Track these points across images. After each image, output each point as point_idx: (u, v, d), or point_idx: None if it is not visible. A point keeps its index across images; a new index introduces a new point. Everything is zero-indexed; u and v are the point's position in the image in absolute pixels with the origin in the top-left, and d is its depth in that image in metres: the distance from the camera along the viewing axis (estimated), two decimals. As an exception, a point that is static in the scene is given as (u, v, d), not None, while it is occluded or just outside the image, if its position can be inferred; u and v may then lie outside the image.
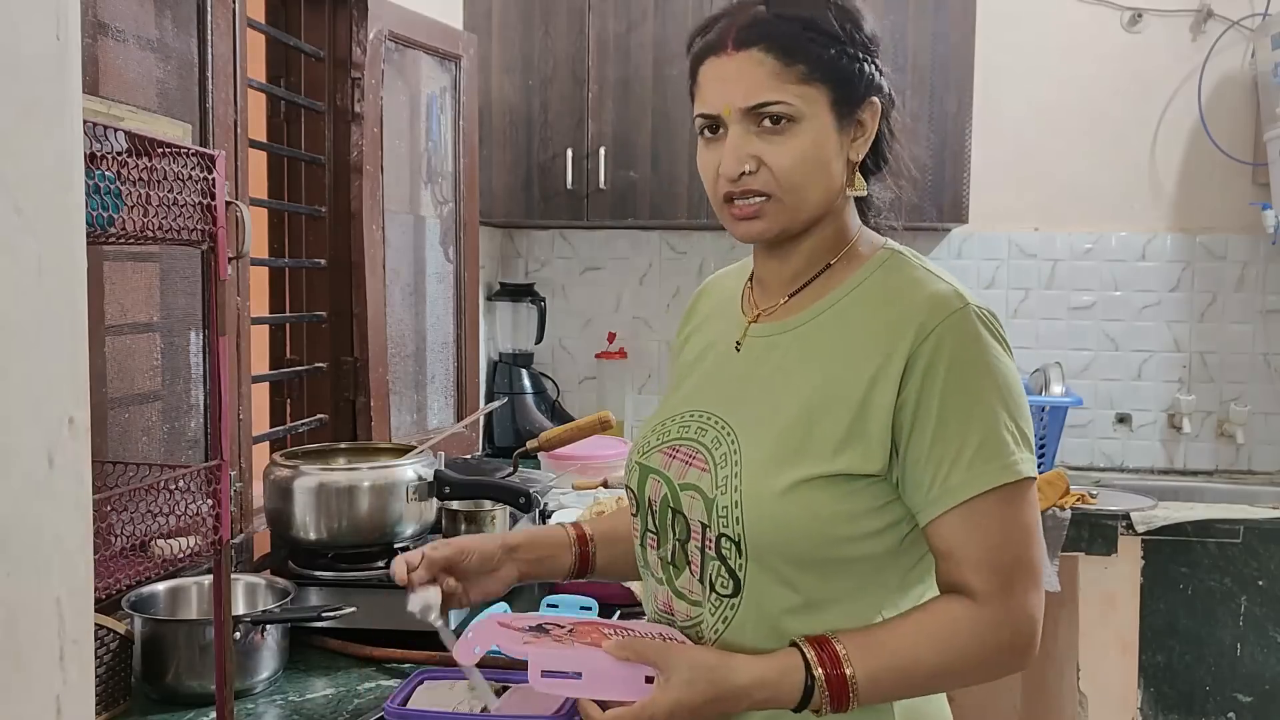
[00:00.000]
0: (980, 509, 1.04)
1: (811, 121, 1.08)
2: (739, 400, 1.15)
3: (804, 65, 1.08)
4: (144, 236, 1.08)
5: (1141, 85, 3.23)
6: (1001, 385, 1.06)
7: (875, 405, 1.06)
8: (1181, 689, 2.67)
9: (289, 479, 1.64)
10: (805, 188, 1.10)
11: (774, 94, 1.08)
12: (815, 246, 1.15)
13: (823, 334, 1.12)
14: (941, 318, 1.06)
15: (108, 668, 1.32)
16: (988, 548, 1.05)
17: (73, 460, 0.70)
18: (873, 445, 1.06)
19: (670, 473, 1.15)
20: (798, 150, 1.08)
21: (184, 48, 1.75)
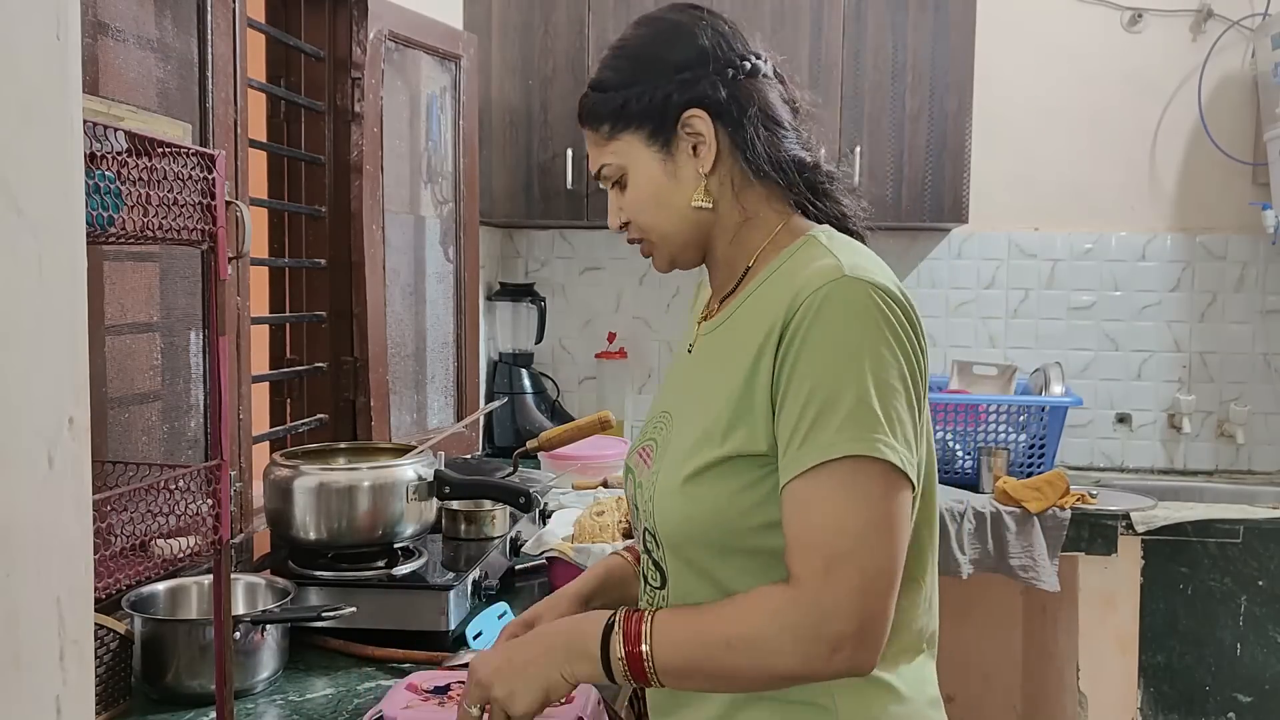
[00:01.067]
0: (815, 483, 0.99)
1: (635, 167, 1.16)
2: (684, 398, 1.18)
3: (606, 124, 1.18)
4: (144, 236, 1.08)
5: (1141, 85, 3.23)
6: (871, 359, 1.00)
7: (758, 383, 1.05)
8: (1181, 689, 2.67)
9: (289, 479, 1.64)
10: (659, 224, 1.17)
11: (599, 159, 1.19)
12: (726, 254, 1.20)
13: (738, 326, 1.14)
14: (816, 286, 1.02)
15: (108, 668, 1.32)
16: (809, 526, 0.99)
17: (73, 460, 0.70)
18: (757, 423, 1.04)
19: (636, 471, 1.20)
20: (635, 197, 1.17)
21: (184, 47, 1.75)
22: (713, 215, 1.17)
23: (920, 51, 2.94)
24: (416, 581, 1.64)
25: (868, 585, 0.98)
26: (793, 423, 1.01)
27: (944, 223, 3.07)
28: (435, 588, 1.61)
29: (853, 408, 0.99)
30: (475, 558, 1.76)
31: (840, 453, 0.98)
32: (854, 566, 0.98)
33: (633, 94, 1.15)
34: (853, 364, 1.00)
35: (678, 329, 3.45)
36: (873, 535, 0.99)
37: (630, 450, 1.24)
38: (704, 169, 1.14)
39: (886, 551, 0.99)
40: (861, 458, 0.98)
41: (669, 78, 1.14)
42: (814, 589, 0.98)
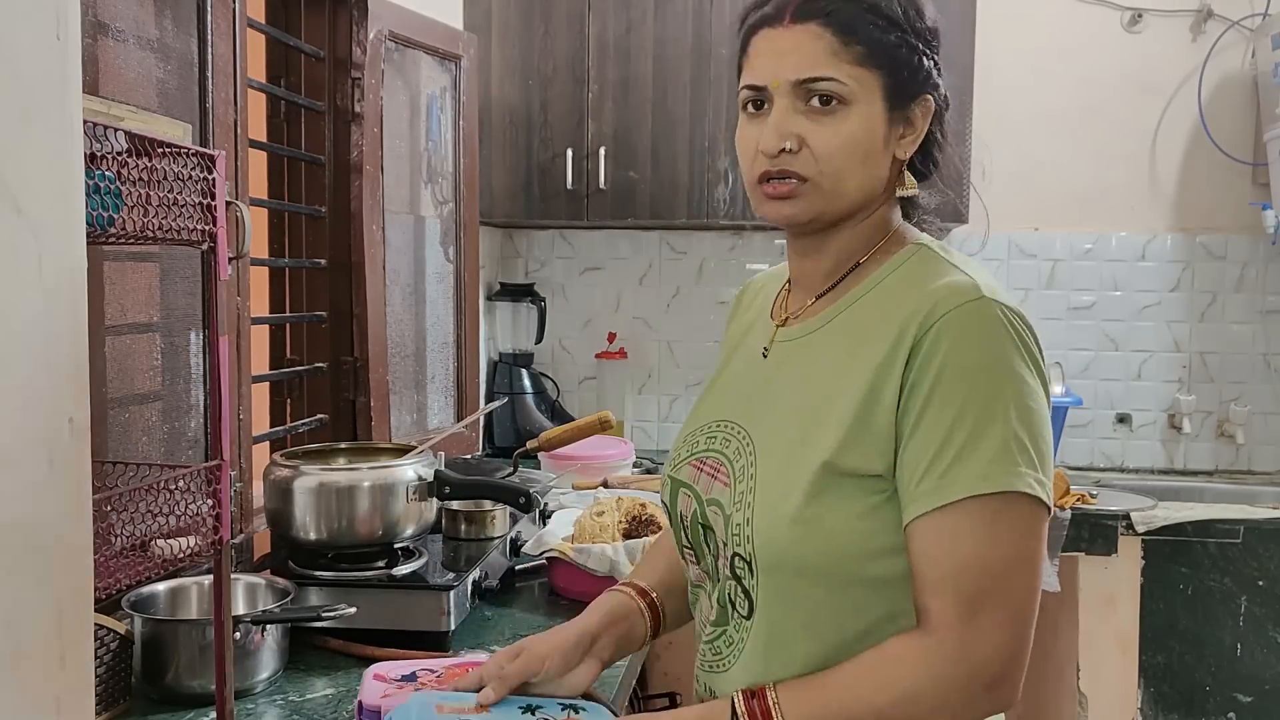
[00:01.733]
0: (958, 519, 0.93)
1: (863, 107, 1.02)
2: (761, 409, 1.09)
3: (862, 46, 1.02)
4: (144, 236, 1.08)
5: (1141, 85, 3.23)
6: (1012, 390, 0.94)
7: (880, 401, 0.98)
8: (1181, 689, 2.67)
9: (289, 479, 1.64)
10: (846, 175, 1.03)
11: (828, 70, 1.01)
12: (849, 244, 1.09)
13: (841, 334, 1.06)
14: (951, 306, 0.96)
15: (108, 668, 1.32)
16: (954, 566, 0.93)
17: (73, 460, 0.70)
18: (878, 441, 0.97)
19: (699, 487, 1.11)
20: (845, 134, 1.02)
21: (184, 48, 1.75)
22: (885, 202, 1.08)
23: (920, 51, 2.94)
24: (417, 582, 1.64)
25: (1015, 623, 0.94)
26: (932, 452, 0.94)
27: (944, 223, 3.07)
28: (435, 588, 1.61)
29: (1001, 440, 0.93)
30: (475, 558, 1.76)
31: (990, 489, 0.93)
32: (1000, 606, 0.93)
33: (907, 41, 1.04)
34: (1000, 392, 0.95)
35: (678, 329, 3.45)
36: (1017, 573, 0.94)
37: (675, 462, 1.16)
38: (903, 154, 1.06)
39: (1030, 586, 0.95)
40: (1010, 493, 0.93)
41: (931, 53, 1.07)
42: (959, 633, 0.93)
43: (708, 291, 3.45)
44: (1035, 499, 0.94)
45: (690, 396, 3.48)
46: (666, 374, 3.49)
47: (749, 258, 3.42)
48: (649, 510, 1.99)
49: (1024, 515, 0.94)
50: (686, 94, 3.00)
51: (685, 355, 3.47)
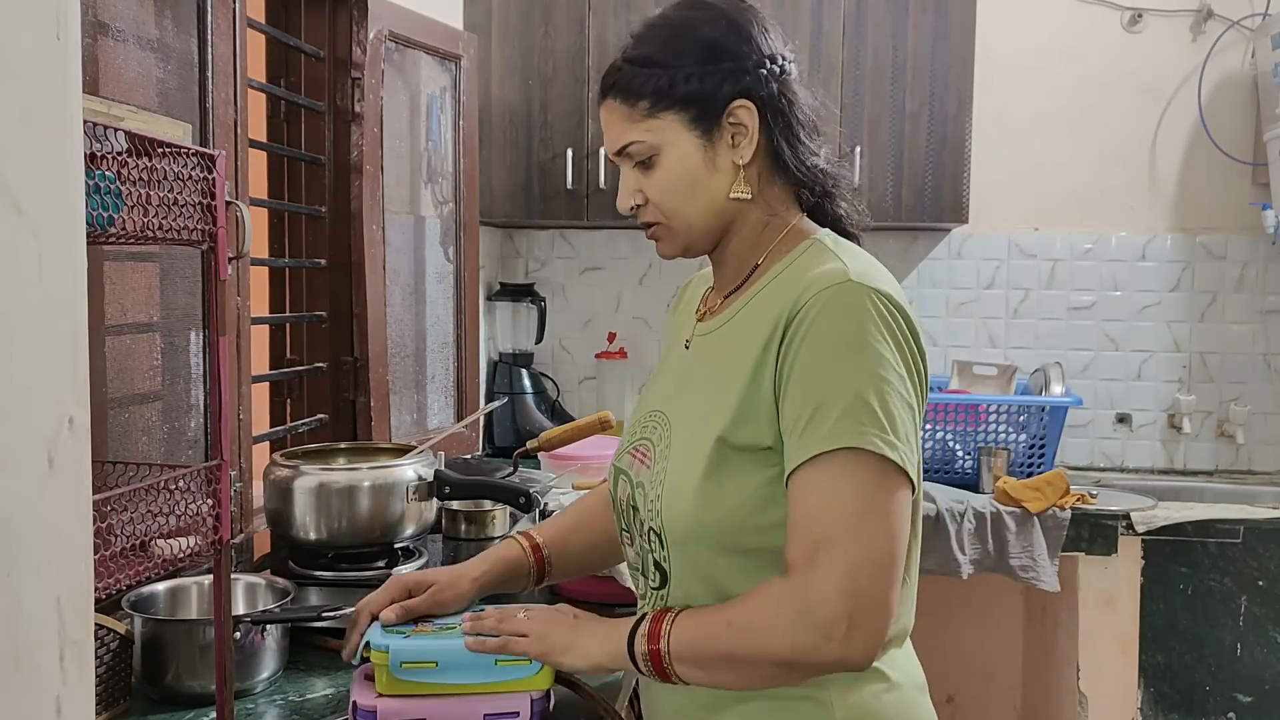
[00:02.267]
0: (812, 473, 1.02)
1: (671, 148, 1.13)
2: (679, 397, 1.19)
3: (646, 101, 1.13)
4: (144, 236, 1.08)
5: (1141, 85, 3.23)
6: (871, 359, 1.02)
7: (763, 378, 1.07)
8: (1181, 689, 2.67)
9: (289, 479, 1.64)
10: (684, 209, 1.15)
11: (628, 135, 1.14)
12: (738, 249, 1.19)
13: (742, 326, 1.14)
14: (818, 289, 1.05)
15: (108, 668, 1.32)
16: (803, 513, 1.02)
17: (73, 460, 0.70)
18: (763, 417, 1.07)
19: (631, 471, 1.21)
20: (665, 180, 1.14)
21: (184, 48, 1.76)
22: (739, 208, 1.16)
23: (920, 51, 2.95)
24: (416, 581, 1.64)
25: (855, 571, 0.99)
26: (794, 416, 1.03)
27: (944, 223, 3.08)
28: (435, 588, 1.61)
29: (850, 403, 1.01)
30: (475, 558, 1.76)
31: (836, 444, 1.00)
32: (840, 552, 0.99)
33: (681, 74, 1.12)
34: (852, 362, 1.02)
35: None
36: (862, 523, 1.00)
37: (619, 451, 1.25)
38: (741, 160, 1.14)
39: (877, 541, 1.01)
40: (857, 450, 1.00)
41: (719, 64, 1.12)
42: (801, 574, 1.01)
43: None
44: (882, 457, 1.01)
45: (690, 396, 3.48)
46: (666, 374, 3.49)
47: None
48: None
49: (872, 471, 1.01)
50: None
51: (685, 355, 3.47)
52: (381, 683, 1.21)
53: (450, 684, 1.21)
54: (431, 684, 1.21)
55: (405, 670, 1.20)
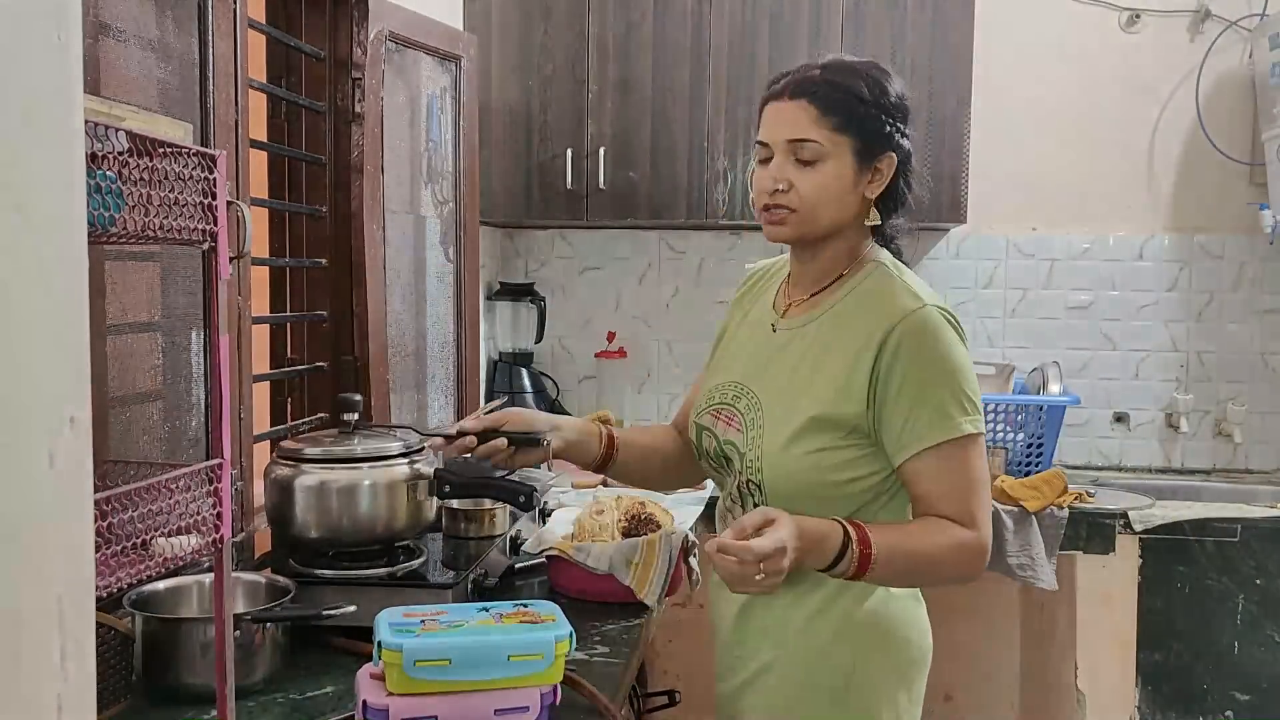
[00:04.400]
0: (944, 455, 1.40)
1: (835, 161, 1.44)
2: (767, 377, 1.52)
3: (837, 117, 1.43)
4: (145, 236, 1.08)
5: (1139, 85, 3.24)
6: (950, 365, 1.41)
7: (855, 381, 1.43)
8: (1179, 687, 2.68)
9: (290, 477, 1.65)
10: (820, 210, 1.46)
11: (810, 134, 1.44)
12: (831, 256, 1.51)
13: (828, 329, 1.49)
14: (898, 319, 1.42)
15: (108, 666, 1.33)
16: (950, 484, 1.41)
17: (73, 459, 0.70)
18: (852, 402, 1.42)
19: (716, 430, 1.55)
20: (820, 181, 1.45)
21: (185, 48, 1.76)
22: (856, 228, 1.50)
23: (919, 52, 2.95)
24: (417, 580, 1.65)
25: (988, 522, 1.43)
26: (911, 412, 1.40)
27: (942, 223, 3.08)
28: (436, 586, 1.62)
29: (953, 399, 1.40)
30: (475, 556, 1.76)
31: (955, 434, 1.40)
32: (981, 511, 1.42)
33: (870, 112, 1.45)
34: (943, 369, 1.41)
35: (677, 328, 3.46)
36: (984, 486, 1.43)
37: (698, 409, 1.60)
38: (871, 195, 1.48)
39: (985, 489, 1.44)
40: (968, 435, 1.40)
41: (892, 120, 1.46)
42: (979, 529, 1.41)
43: (707, 291, 3.45)
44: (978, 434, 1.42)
45: (689, 396, 3.48)
46: (666, 373, 3.50)
47: (748, 257, 3.42)
48: (648, 509, 2.00)
49: (976, 446, 1.43)
50: (686, 94, 3.00)
51: (685, 355, 3.48)
52: (393, 681, 1.22)
53: (463, 681, 1.22)
54: (445, 682, 1.21)
55: (419, 669, 1.21)
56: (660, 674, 3.42)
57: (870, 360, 1.41)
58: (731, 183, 2.99)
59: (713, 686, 1.63)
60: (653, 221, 3.10)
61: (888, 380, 1.40)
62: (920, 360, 1.40)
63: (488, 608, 1.35)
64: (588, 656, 1.56)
